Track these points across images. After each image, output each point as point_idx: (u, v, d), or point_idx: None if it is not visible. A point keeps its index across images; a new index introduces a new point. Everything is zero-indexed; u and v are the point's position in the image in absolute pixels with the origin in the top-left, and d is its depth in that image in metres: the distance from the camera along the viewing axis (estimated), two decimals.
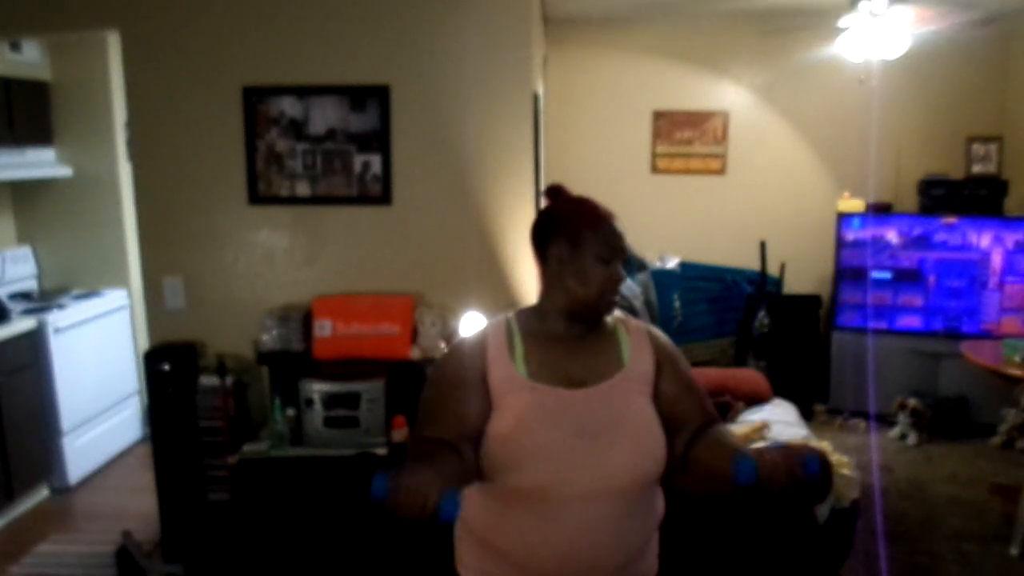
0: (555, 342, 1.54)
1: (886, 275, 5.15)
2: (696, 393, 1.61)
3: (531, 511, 1.43)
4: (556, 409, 1.46)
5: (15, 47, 4.23)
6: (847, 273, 5.19)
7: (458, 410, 1.48)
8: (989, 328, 4.96)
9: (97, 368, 4.36)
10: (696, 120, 5.71)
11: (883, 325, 5.13)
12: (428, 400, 1.56)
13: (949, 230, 5.01)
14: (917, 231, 5.09)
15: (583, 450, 1.43)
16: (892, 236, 5.13)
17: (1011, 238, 4.94)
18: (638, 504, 1.48)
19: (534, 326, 1.56)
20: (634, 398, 1.51)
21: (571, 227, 1.51)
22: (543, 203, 1.63)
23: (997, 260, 4.95)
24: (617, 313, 1.61)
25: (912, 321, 5.12)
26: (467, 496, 1.46)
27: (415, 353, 3.11)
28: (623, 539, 1.46)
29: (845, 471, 2.90)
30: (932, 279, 5.07)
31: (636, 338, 1.58)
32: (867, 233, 5.15)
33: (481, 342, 1.54)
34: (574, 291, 1.50)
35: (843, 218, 5.20)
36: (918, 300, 5.12)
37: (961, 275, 5.03)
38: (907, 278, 5.11)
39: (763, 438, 3.21)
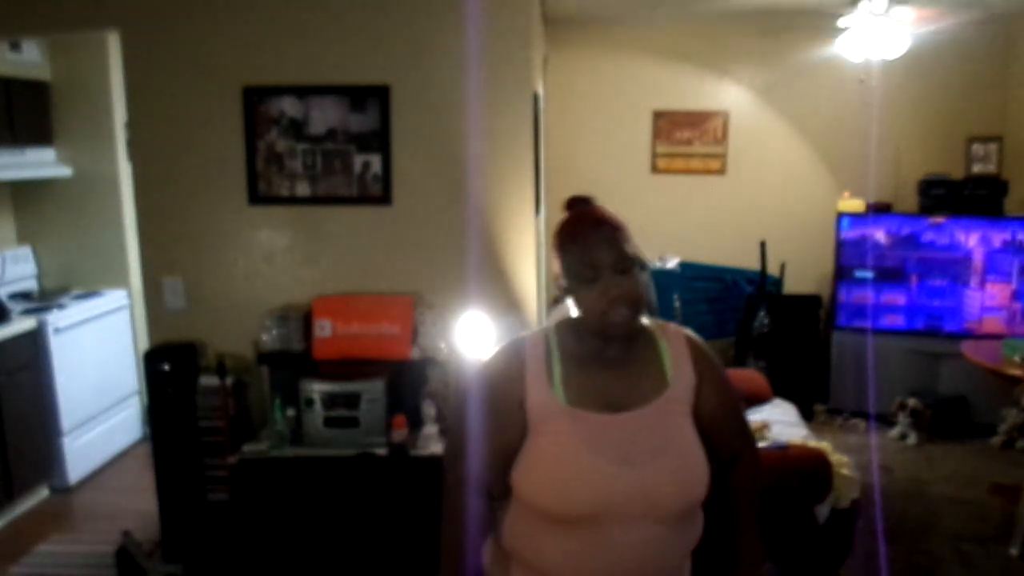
0: (594, 362, 1.45)
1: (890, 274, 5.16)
2: (735, 413, 1.57)
3: (574, 535, 1.38)
4: (597, 437, 1.38)
5: (15, 47, 4.23)
6: (847, 273, 5.19)
7: (496, 440, 1.44)
8: (970, 327, 4.98)
9: (97, 368, 4.36)
10: (696, 120, 5.71)
11: (883, 325, 5.13)
12: (462, 423, 1.49)
13: (937, 230, 5.01)
14: (906, 230, 5.09)
15: (628, 478, 1.36)
16: (882, 236, 5.13)
17: (998, 237, 4.94)
18: (681, 527, 1.44)
19: (572, 345, 1.46)
20: (678, 420, 1.43)
21: (559, 244, 1.45)
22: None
23: (979, 259, 4.96)
24: (648, 320, 1.52)
25: (897, 319, 5.12)
26: (502, 516, 1.49)
27: (415, 353, 3.11)
28: (666, 561, 1.43)
29: (845, 471, 2.90)
30: (915, 278, 5.08)
31: (676, 347, 1.49)
32: (858, 233, 5.14)
33: (519, 362, 1.45)
34: (581, 313, 1.44)
35: (843, 218, 5.20)
36: (901, 299, 5.12)
37: (943, 274, 5.03)
38: (892, 277, 5.12)
39: (763, 438, 3.21)
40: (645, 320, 1.50)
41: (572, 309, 1.46)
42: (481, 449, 1.45)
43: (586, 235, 1.42)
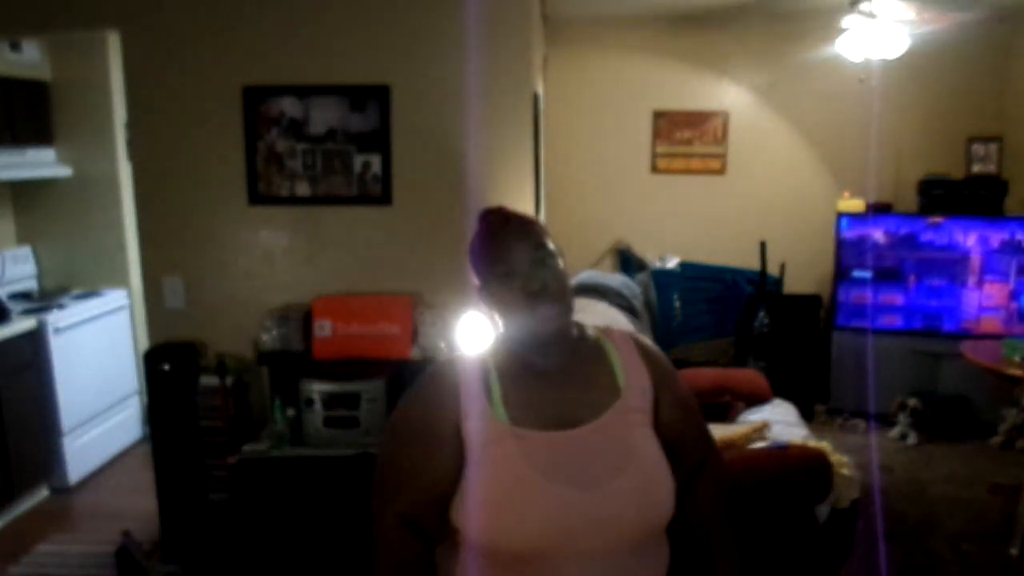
0: (536, 375, 1.31)
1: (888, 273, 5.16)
2: (695, 415, 1.44)
3: (525, 574, 1.23)
4: (547, 458, 1.23)
5: (15, 47, 4.22)
6: (847, 273, 5.19)
7: (428, 473, 1.27)
8: (968, 326, 4.98)
9: (97, 368, 4.36)
10: (696, 120, 5.70)
11: (882, 325, 5.13)
12: (391, 459, 1.34)
13: (936, 230, 5.01)
14: (905, 231, 5.09)
15: (584, 504, 1.21)
16: (882, 236, 5.13)
17: (997, 237, 4.94)
18: (647, 554, 1.29)
19: (510, 360, 1.32)
20: (636, 431, 1.29)
21: (471, 253, 1.40)
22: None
23: (977, 259, 4.96)
24: (587, 321, 1.41)
25: (895, 319, 5.12)
26: (446, 559, 1.33)
27: (415, 353, 3.11)
28: None
29: (845, 471, 2.89)
30: (913, 278, 5.08)
31: (624, 351, 1.36)
32: (858, 233, 5.14)
33: (452, 383, 1.30)
34: (505, 320, 1.33)
35: (843, 218, 5.20)
36: (900, 299, 5.12)
37: (942, 274, 5.03)
38: (892, 277, 5.11)
39: (763, 438, 3.20)
40: (589, 329, 1.38)
41: (498, 324, 1.35)
42: (414, 484, 1.29)
43: (496, 232, 1.34)
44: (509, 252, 1.29)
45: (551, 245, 1.31)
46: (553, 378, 1.31)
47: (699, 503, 1.44)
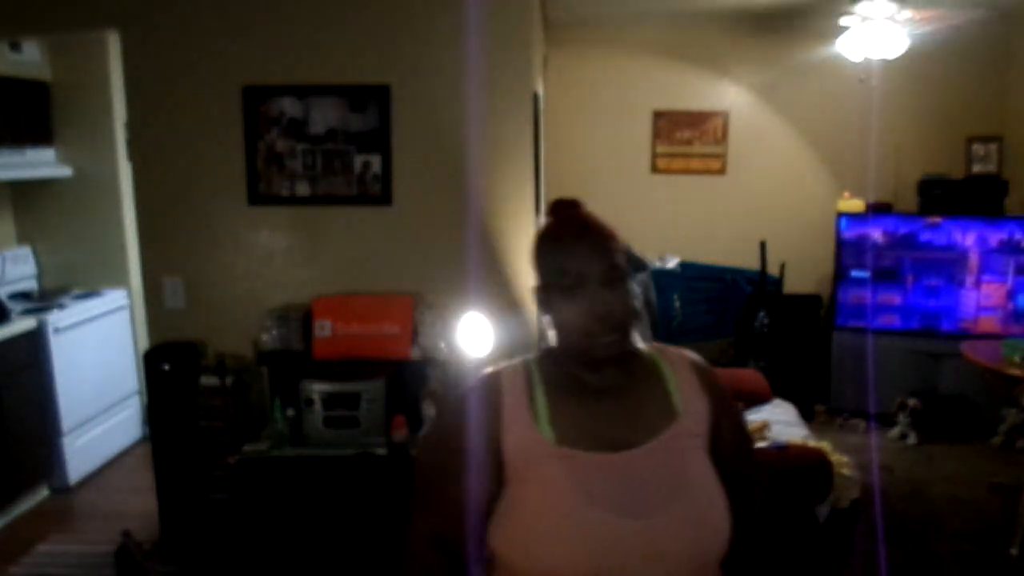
0: (586, 393, 1.21)
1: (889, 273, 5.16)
2: (751, 447, 1.34)
3: None
4: (595, 482, 1.13)
5: (15, 47, 4.22)
6: (847, 273, 5.19)
7: (462, 491, 1.19)
8: (966, 326, 4.99)
9: (97, 368, 4.36)
10: (696, 120, 5.71)
11: (881, 325, 5.13)
12: (425, 472, 1.28)
13: (935, 230, 5.01)
14: (905, 231, 5.09)
15: (634, 533, 1.10)
16: (882, 236, 5.13)
17: (995, 237, 4.94)
18: None
19: (558, 374, 1.23)
20: (692, 456, 1.19)
21: (537, 250, 1.25)
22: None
23: (975, 259, 4.96)
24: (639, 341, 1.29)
25: (894, 319, 5.12)
26: None
27: (415, 353, 3.11)
28: None
29: (845, 471, 2.89)
30: (911, 278, 5.08)
31: (681, 372, 1.26)
32: (858, 233, 5.14)
33: (494, 396, 1.21)
34: (559, 332, 1.22)
35: (843, 218, 5.20)
36: (899, 299, 5.12)
37: (940, 274, 5.03)
38: (891, 277, 5.12)
39: (763, 438, 3.21)
40: (640, 343, 1.28)
41: (550, 331, 1.24)
42: (447, 501, 1.22)
43: (570, 240, 1.20)
44: (580, 266, 1.18)
45: (624, 265, 1.21)
46: (604, 396, 1.21)
47: (742, 542, 1.30)
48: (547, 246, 1.23)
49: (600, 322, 1.16)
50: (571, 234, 1.21)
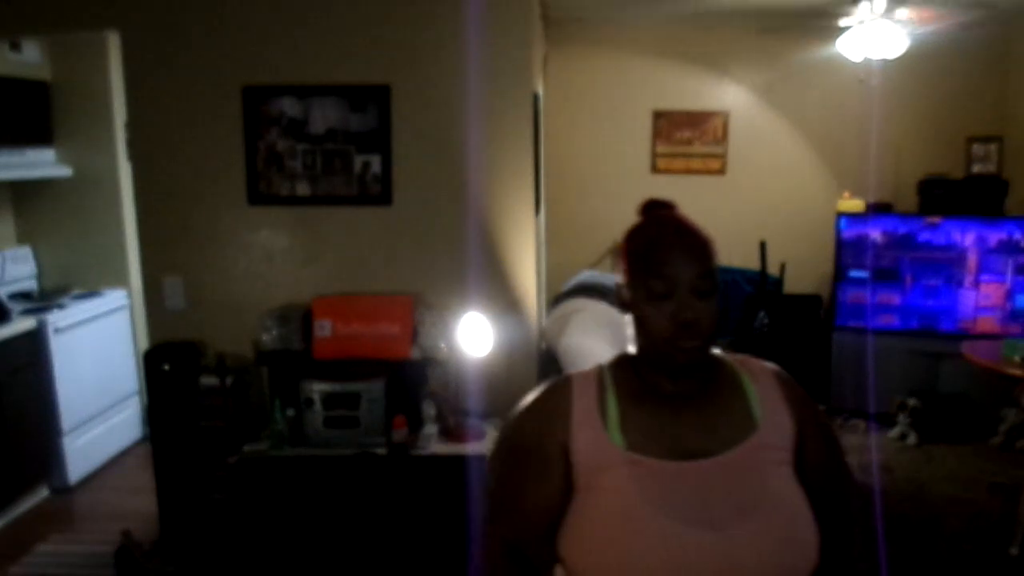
0: (659, 400, 1.17)
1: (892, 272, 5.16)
2: (841, 460, 1.27)
3: None
4: (667, 490, 1.09)
5: (15, 47, 4.22)
6: (847, 273, 5.19)
7: (530, 497, 1.17)
8: (964, 326, 4.99)
9: (97, 368, 4.36)
10: (696, 120, 5.71)
11: (881, 325, 5.13)
12: (495, 477, 1.25)
13: (934, 230, 5.01)
14: (905, 231, 5.09)
15: (708, 546, 1.06)
16: (881, 236, 5.13)
17: (994, 237, 4.94)
18: None
19: (632, 381, 1.19)
20: (773, 470, 1.13)
21: (629, 249, 1.20)
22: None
23: (974, 259, 4.96)
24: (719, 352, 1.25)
25: (893, 319, 5.12)
26: None
27: (415, 353, 3.11)
28: None
29: None
30: (910, 278, 5.08)
31: (764, 385, 1.21)
32: (858, 233, 5.14)
33: (563, 400, 1.18)
34: (641, 336, 1.18)
35: (843, 218, 5.20)
36: (898, 299, 5.12)
37: (939, 274, 5.03)
38: (891, 277, 5.12)
39: None
40: (726, 357, 1.24)
41: (629, 328, 1.21)
42: (516, 507, 1.20)
43: (665, 244, 1.16)
44: (672, 272, 1.13)
45: (717, 274, 1.17)
46: (679, 404, 1.17)
47: (834, 561, 1.21)
48: (640, 246, 1.18)
49: (685, 331, 1.12)
50: (667, 237, 1.17)
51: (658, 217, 1.22)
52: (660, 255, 1.14)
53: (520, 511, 1.19)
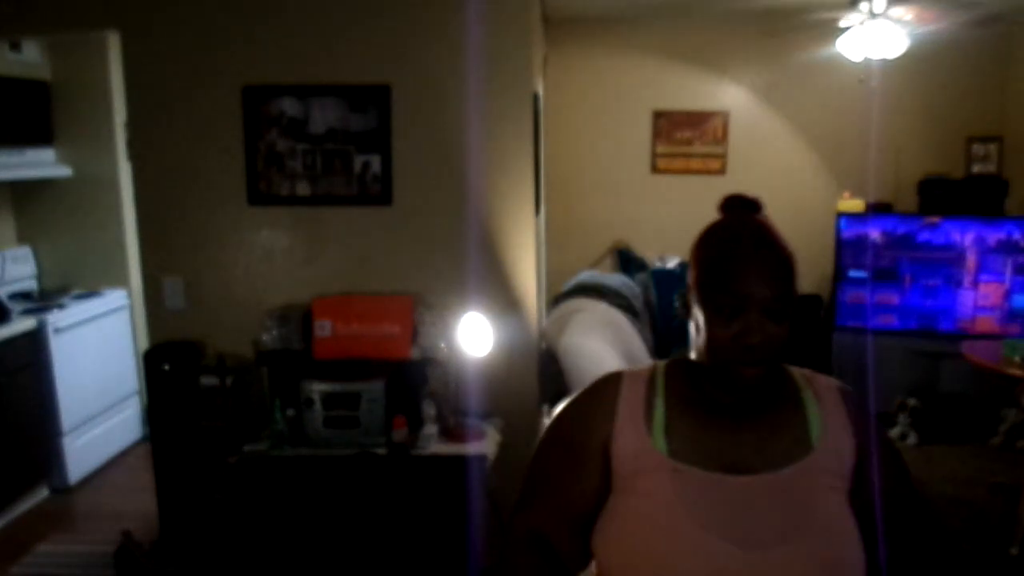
0: (710, 410, 1.11)
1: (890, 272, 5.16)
2: (907, 481, 1.19)
3: None
4: (708, 503, 1.04)
5: (15, 47, 4.23)
6: (847, 273, 5.19)
7: (564, 489, 1.15)
8: (963, 326, 4.99)
9: (97, 368, 4.36)
10: (696, 120, 5.71)
11: (880, 325, 5.13)
12: (534, 464, 1.22)
13: (933, 230, 5.01)
14: (905, 231, 5.09)
15: (741, 564, 1.01)
16: (881, 236, 5.14)
17: (993, 237, 4.94)
18: None
19: (684, 387, 1.14)
20: (824, 495, 1.07)
21: (700, 254, 1.13)
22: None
23: (973, 259, 4.97)
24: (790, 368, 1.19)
25: (892, 320, 5.12)
26: None
27: (415, 353, 3.11)
28: None
29: None
30: (909, 278, 5.09)
31: (828, 405, 1.14)
32: (858, 233, 5.14)
33: (609, 396, 1.14)
34: (701, 344, 1.10)
35: (843, 218, 5.20)
36: (897, 299, 5.13)
37: (938, 274, 5.03)
38: (890, 277, 5.12)
39: None
40: (792, 372, 1.19)
41: (691, 332, 1.13)
42: (549, 497, 1.17)
43: (743, 255, 1.07)
44: (743, 289, 1.05)
45: (795, 294, 1.10)
46: (731, 416, 1.10)
47: None
48: (711, 253, 1.11)
49: (751, 352, 1.05)
50: (745, 248, 1.08)
51: (737, 221, 1.14)
52: (732, 267, 1.06)
53: (552, 502, 1.16)
